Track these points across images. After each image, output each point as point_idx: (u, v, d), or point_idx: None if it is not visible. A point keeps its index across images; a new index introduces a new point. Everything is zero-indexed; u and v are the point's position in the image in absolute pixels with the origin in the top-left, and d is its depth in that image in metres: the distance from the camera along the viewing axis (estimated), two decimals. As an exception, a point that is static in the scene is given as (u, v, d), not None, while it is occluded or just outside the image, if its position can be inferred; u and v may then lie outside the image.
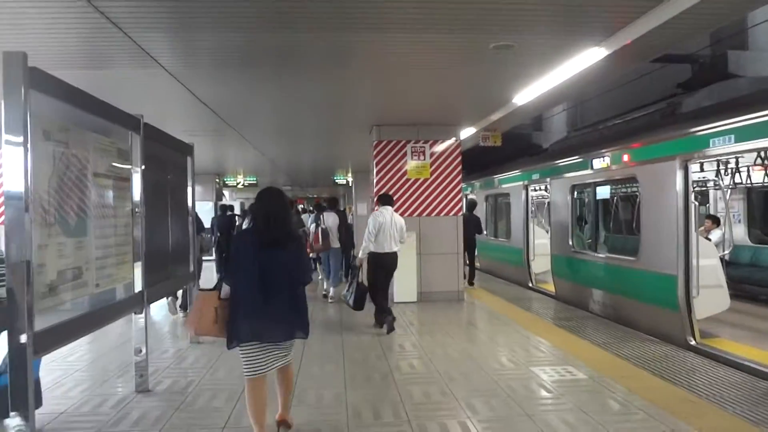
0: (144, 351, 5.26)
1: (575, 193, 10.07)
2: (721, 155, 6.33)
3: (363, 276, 8.34)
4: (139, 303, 5.15)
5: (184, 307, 9.14)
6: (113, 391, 5.35)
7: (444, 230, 10.54)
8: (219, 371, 6.01)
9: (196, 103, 8.44)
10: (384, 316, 7.83)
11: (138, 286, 5.17)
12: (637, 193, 8.10)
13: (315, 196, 39.52)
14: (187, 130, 10.61)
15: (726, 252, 7.36)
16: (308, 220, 12.60)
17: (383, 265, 7.97)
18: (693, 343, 6.82)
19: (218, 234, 15.04)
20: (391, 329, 7.67)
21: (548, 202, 11.65)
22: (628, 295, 8.16)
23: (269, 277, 3.90)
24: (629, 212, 9.52)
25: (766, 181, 8.50)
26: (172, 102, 8.49)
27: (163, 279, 6.00)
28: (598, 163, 8.95)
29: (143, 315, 5.28)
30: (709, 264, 7.09)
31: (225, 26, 5.18)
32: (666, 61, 11.97)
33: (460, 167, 10.66)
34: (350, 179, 23.50)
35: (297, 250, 4.19)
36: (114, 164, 4.77)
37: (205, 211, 20.47)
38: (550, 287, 11.57)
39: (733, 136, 5.99)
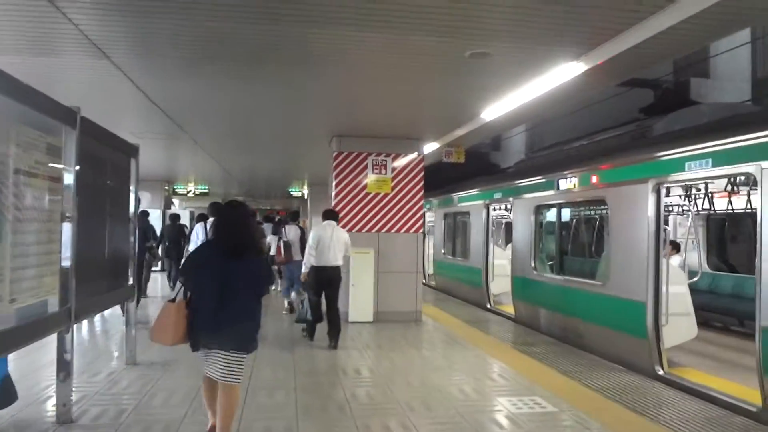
0: (68, 376, 4.61)
1: (539, 214, 9.84)
2: (696, 180, 6.14)
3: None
4: (64, 320, 4.52)
5: None
6: (29, 422, 4.68)
7: (404, 247, 10.14)
8: (155, 398, 5.38)
9: (145, 102, 7.83)
10: (310, 330, 8.22)
11: (65, 302, 4.55)
12: (604, 216, 7.89)
13: (268, 208, 38.71)
14: (135, 131, 9.94)
15: (695, 278, 7.18)
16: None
17: (321, 278, 7.95)
18: (661, 372, 6.57)
19: (167, 244, 14.41)
20: (306, 336, 8.19)
21: (509, 223, 11.42)
22: (593, 321, 7.90)
23: (228, 286, 3.98)
24: (596, 235, 9.33)
25: (729, 208, 8.41)
26: (119, 99, 7.86)
27: (96, 293, 5.36)
28: (565, 184, 8.72)
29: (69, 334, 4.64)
30: (677, 291, 6.88)
31: (177, 14, 4.66)
32: (631, 85, 11.98)
33: (422, 183, 10.31)
34: (306, 192, 22.95)
35: (258, 261, 4.29)
36: (41, 161, 4.17)
37: (153, 219, 19.69)
38: (509, 309, 11.27)
39: (710, 160, 5.79)
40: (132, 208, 6.66)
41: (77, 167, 4.66)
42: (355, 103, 7.89)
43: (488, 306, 12.05)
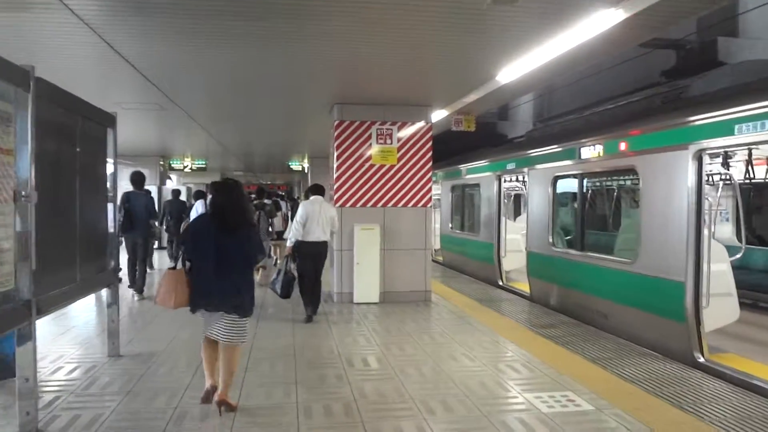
0: (31, 379, 3.96)
1: (558, 185, 9.12)
2: (749, 144, 5.41)
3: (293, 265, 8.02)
4: (23, 317, 3.86)
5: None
6: (-11, 432, 4.06)
7: (411, 223, 9.46)
8: (137, 399, 4.75)
9: (131, 72, 7.11)
10: (307, 306, 8.04)
11: (24, 294, 3.88)
12: (634, 187, 7.17)
13: (269, 182, 38.00)
14: (123, 103, 9.20)
15: (738, 255, 6.50)
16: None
17: (309, 253, 7.99)
18: (701, 360, 5.93)
19: (169, 219, 13.88)
20: (308, 320, 7.90)
21: (519, 195, 10.71)
22: (621, 302, 7.24)
23: (224, 256, 4.42)
24: (623, 208, 8.61)
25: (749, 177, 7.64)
26: (103, 69, 7.14)
27: (65, 283, 4.70)
28: (588, 152, 7.99)
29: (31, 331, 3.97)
30: (719, 269, 6.20)
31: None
32: (652, 46, 11.15)
33: (430, 153, 9.57)
34: (306, 165, 22.20)
35: (250, 234, 4.70)
36: (-16, 129, 3.46)
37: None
38: (523, 287, 10.64)
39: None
40: (111, 183, 5.96)
41: (34, 137, 3.94)
42: (357, 65, 7.10)
43: (500, 283, 11.41)
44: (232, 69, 7.28)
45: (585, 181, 8.50)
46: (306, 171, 22.47)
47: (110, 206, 5.90)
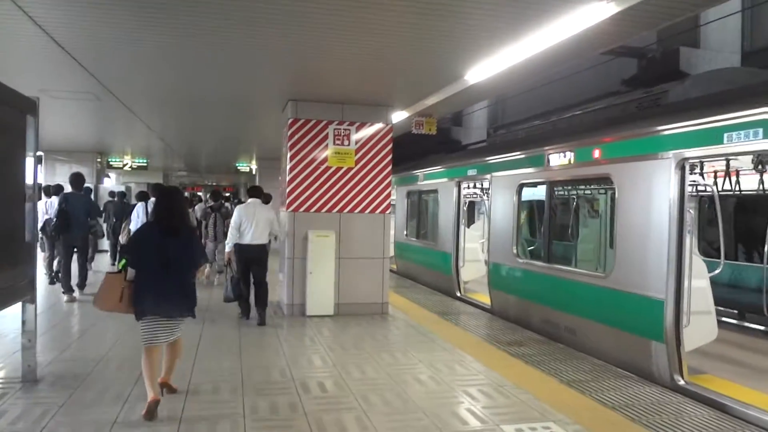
0: None
1: (524, 193, 8.72)
2: (738, 154, 5.07)
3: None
4: None
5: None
6: None
7: (369, 230, 8.87)
8: (51, 438, 3.99)
9: (55, 50, 6.24)
10: (244, 308, 8.20)
11: None
12: (607, 197, 6.81)
13: (214, 183, 36.72)
14: (48, 89, 8.27)
15: (717, 270, 6.19)
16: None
17: (245, 256, 8.02)
18: (681, 383, 5.56)
19: (113, 220, 13.56)
20: (245, 316, 8.14)
21: (473, 203, 10.28)
22: (591, 318, 6.85)
23: (169, 260, 4.54)
24: (595, 218, 8.27)
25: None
26: (18, 44, 6.24)
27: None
28: (557, 160, 7.60)
29: None
30: (699, 286, 5.87)
31: None
32: (614, 54, 10.95)
33: (390, 157, 9.03)
34: (254, 167, 21.32)
35: (191, 237, 4.91)
36: None
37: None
38: (484, 299, 10.21)
39: (761, 130, 4.72)
40: (30, 179, 5.14)
41: None
42: (314, 58, 6.50)
43: (458, 294, 10.94)
44: (174, 58, 6.55)
45: (554, 189, 8.11)
46: (254, 173, 21.58)
47: (29, 207, 5.06)
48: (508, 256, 8.84)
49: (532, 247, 8.88)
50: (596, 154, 6.87)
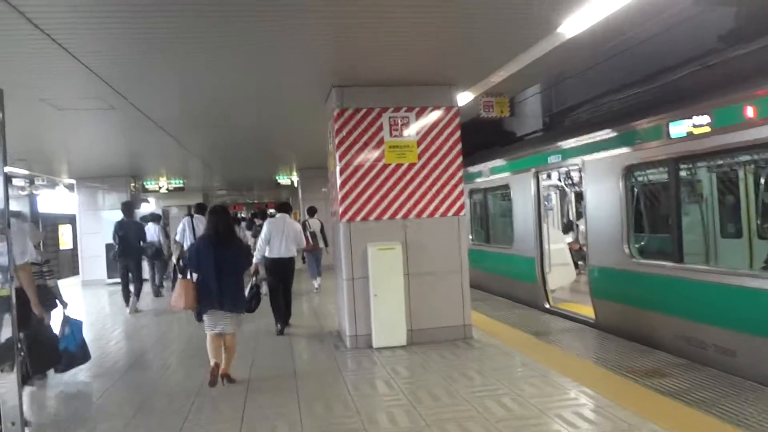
0: None
1: (633, 177, 6.96)
2: None
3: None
4: None
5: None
6: None
7: (441, 238, 7.26)
8: None
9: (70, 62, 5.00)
10: (278, 320, 8.34)
11: None
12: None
13: (255, 201, 35.73)
14: (48, 98, 6.98)
15: None
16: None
17: (273, 269, 8.27)
18: None
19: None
20: (280, 333, 8.19)
21: (578, 194, 8.49)
22: (763, 335, 5.06)
23: (221, 267, 5.64)
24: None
25: None
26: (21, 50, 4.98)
27: None
28: (684, 128, 5.84)
29: None
30: None
31: None
32: (710, 3, 9.09)
33: (459, 146, 7.40)
34: (296, 179, 19.96)
35: (239, 247, 6.13)
36: None
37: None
38: (581, 309, 8.47)
39: None
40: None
41: None
42: (362, 29, 5.02)
43: (547, 306, 9.19)
44: (199, 62, 5.22)
45: (678, 167, 6.29)
46: (296, 185, 20.21)
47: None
48: (617, 256, 7.09)
49: (653, 244, 7.07)
50: (749, 112, 5.09)
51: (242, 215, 30.72)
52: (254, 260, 8.00)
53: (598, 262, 7.56)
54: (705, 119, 5.60)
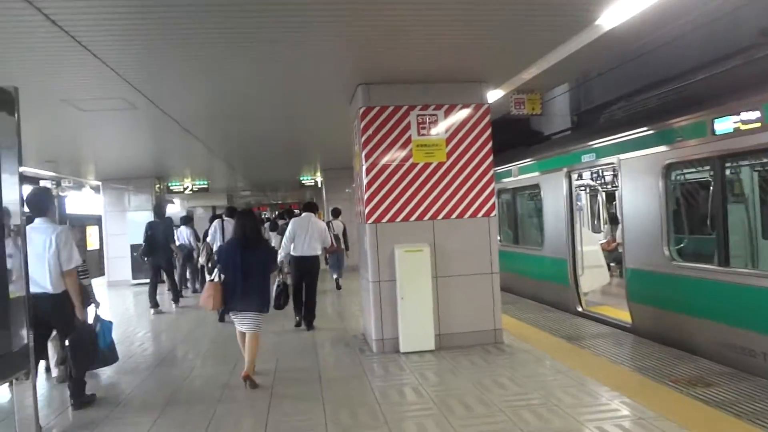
0: None
1: (673, 176, 6.66)
2: None
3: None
4: None
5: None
6: None
7: (471, 239, 7.03)
8: None
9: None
10: (300, 315, 8.66)
11: None
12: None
13: (279, 202, 35.77)
14: (69, 98, 6.91)
15: None
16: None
17: (298, 266, 8.50)
18: None
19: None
20: (298, 325, 8.63)
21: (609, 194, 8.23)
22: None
23: (247, 268, 5.80)
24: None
25: None
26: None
27: None
28: (731, 124, 5.53)
29: None
30: None
31: None
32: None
33: (489, 144, 7.16)
34: (320, 179, 19.83)
35: (265, 249, 6.32)
36: None
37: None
38: (616, 313, 8.19)
39: None
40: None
41: None
42: (389, 25, 4.84)
43: (579, 309, 8.88)
44: (224, 62, 5.06)
45: (725, 165, 5.96)
46: (320, 185, 20.08)
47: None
48: (656, 258, 6.78)
49: (696, 246, 6.75)
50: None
51: (266, 216, 30.71)
52: (279, 258, 8.21)
53: (635, 264, 7.25)
54: (754, 114, 5.28)
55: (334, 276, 13.06)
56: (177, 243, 12.48)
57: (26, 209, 4.93)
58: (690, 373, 5.50)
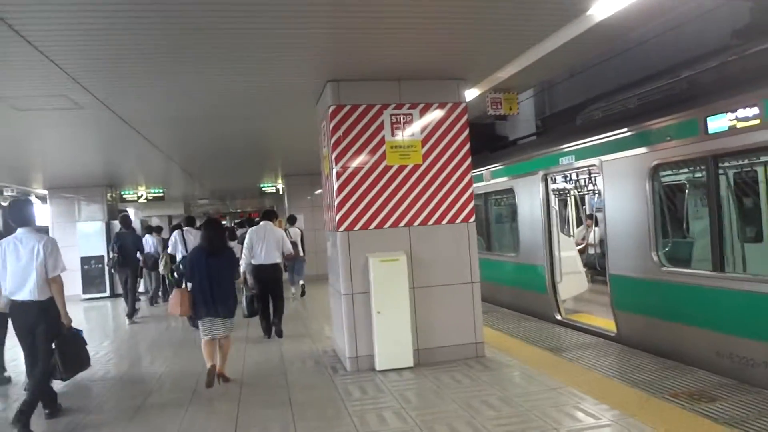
0: None
1: (660, 177, 6.35)
2: None
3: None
4: None
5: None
6: None
7: (450, 246, 6.59)
8: None
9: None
10: (265, 327, 8.63)
11: None
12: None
13: (239, 210, 34.87)
14: (3, 96, 6.20)
15: None
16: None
17: (258, 276, 8.40)
18: None
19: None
20: (267, 335, 8.56)
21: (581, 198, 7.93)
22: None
23: (213, 274, 6.00)
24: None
25: None
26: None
27: None
28: (725, 122, 5.23)
29: None
30: None
31: None
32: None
33: (467, 146, 6.74)
34: (281, 186, 19.18)
35: (229, 256, 6.37)
36: None
37: (96, 233, 15.88)
38: (597, 322, 7.88)
39: None
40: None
41: None
42: (361, 13, 4.36)
43: (559, 317, 8.54)
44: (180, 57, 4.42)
45: (718, 165, 5.66)
46: (282, 192, 19.42)
47: None
48: (643, 264, 6.46)
49: (687, 251, 6.45)
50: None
51: (224, 224, 29.85)
52: (241, 269, 8.06)
53: (618, 270, 6.93)
54: (752, 111, 4.98)
55: (300, 282, 12.94)
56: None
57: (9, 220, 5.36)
58: (689, 386, 5.16)
